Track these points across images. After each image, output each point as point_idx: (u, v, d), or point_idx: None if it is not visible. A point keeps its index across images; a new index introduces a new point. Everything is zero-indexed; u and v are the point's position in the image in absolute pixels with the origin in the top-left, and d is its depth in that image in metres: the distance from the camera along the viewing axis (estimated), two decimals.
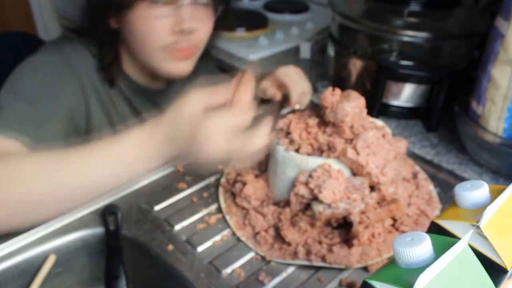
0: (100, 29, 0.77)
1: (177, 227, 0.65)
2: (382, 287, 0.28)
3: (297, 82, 0.81)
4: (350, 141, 0.60)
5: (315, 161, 0.60)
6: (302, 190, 0.59)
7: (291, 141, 0.63)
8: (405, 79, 0.86)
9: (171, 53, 0.74)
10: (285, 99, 0.81)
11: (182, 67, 0.77)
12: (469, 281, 0.28)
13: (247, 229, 0.63)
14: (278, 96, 0.84)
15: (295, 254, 0.59)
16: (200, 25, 0.74)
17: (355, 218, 0.58)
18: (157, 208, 0.68)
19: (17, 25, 2.10)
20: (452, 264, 0.27)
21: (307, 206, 0.61)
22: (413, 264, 0.28)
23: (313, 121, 0.63)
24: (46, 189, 0.51)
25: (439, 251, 0.28)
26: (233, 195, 0.68)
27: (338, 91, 0.62)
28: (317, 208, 0.58)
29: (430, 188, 0.70)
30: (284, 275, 0.59)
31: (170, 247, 0.61)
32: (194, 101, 0.51)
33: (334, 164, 0.60)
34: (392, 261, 0.29)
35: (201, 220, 0.66)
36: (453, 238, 0.29)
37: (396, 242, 0.28)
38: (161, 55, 0.74)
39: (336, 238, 0.60)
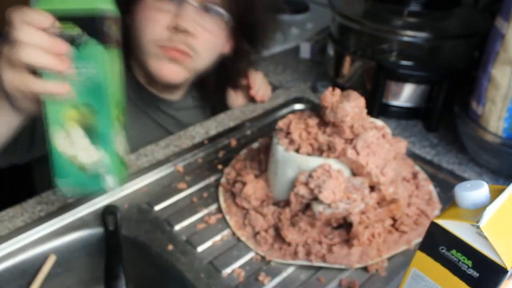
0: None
1: (177, 227, 0.65)
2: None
3: (258, 76, 0.87)
4: (350, 141, 0.60)
5: (315, 161, 0.60)
6: (302, 190, 0.59)
7: (291, 141, 0.63)
8: (405, 79, 0.86)
9: (164, 49, 0.72)
10: None
11: (172, 70, 0.74)
12: None
13: (247, 229, 0.63)
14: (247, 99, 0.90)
15: (295, 254, 0.59)
16: (200, 31, 0.72)
17: (355, 218, 0.58)
18: (157, 208, 0.68)
19: None
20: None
21: (307, 206, 0.61)
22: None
23: (313, 121, 0.63)
24: None
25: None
26: (233, 195, 0.68)
27: (338, 91, 0.62)
28: (317, 208, 0.58)
29: (430, 188, 0.70)
30: (284, 275, 0.58)
31: (170, 247, 0.61)
32: None
33: (334, 164, 0.60)
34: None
35: (201, 220, 0.66)
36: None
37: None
38: (153, 49, 0.73)
39: (336, 238, 0.60)
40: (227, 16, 0.74)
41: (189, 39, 0.72)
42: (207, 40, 0.74)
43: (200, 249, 0.61)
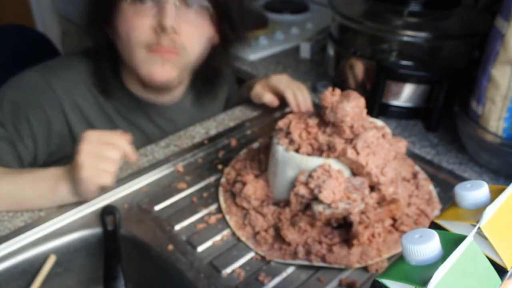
0: (99, 39, 0.77)
1: (177, 227, 0.65)
2: (394, 286, 0.28)
3: (290, 87, 0.84)
4: (350, 141, 0.60)
5: (315, 161, 0.60)
6: (302, 190, 0.59)
7: (291, 141, 0.63)
8: (405, 79, 0.86)
9: (152, 51, 0.72)
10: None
11: (162, 71, 0.74)
12: (477, 275, 0.28)
13: (247, 229, 0.63)
14: (275, 102, 0.86)
15: (295, 254, 0.59)
16: (186, 27, 0.72)
17: (355, 218, 0.58)
18: (157, 208, 0.68)
19: (16, 20, 2.10)
20: (460, 260, 0.28)
21: (307, 206, 0.61)
22: (423, 261, 0.28)
23: (313, 121, 0.63)
24: None
25: (446, 247, 0.28)
26: (233, 195, 0.68)
27: (338, 91, 0.62)
28: (317, 208, 0.58)
29: (430, 188, 0.70)
30: (284, 275, 0.58)
31: (170, 247, 0.61)
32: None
33: (334, 164, 0.60)
34: (400, 259, 0.29)
35: (201, 220, 0.66)
36: (458, 234, 0.30)
37: (405, 240, 0.29)
38: (142, 53, 0.72)
39: (336, 238, 0.60)
40: (209, 6, 0.74)
41: (175, 36, 0.71)
42: (193, 34, 0.74)
43: (200, 249, 0.61)
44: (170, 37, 0.71)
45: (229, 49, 0.84)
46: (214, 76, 0.88)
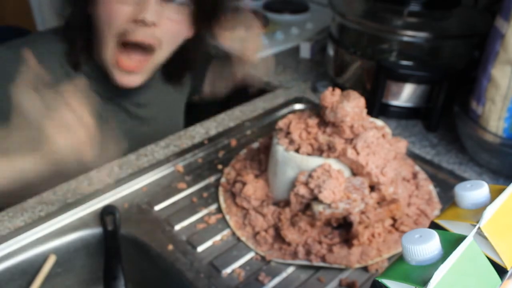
0: (77, 13, 0.76)
1: (177, 227, 0.65)
2: (394, 286, 0.28)
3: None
4: (350, 141, 0.60)
5: (315, 161, 0.60)
6: (302, 190, 0.59)
7: (291, 141, 0.63)
8: (405, 79, 0.86)
9: (124, 42, 0.70)
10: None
11: (129, 79, 0.73)
12: (476, 275, 0.28)
13: (247, 229, 0.63)
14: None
15: (295, 254, 0.59)
16: (164, 22, 0.71)
17: (355, 218, 0.58)
18: (157, 208, 0.68)
19: (16, 20, 2.10)
20: (460, 260, 0.27)
21: (307, 206, 0.61)
22: (423, 261, 0.28)
23: (313, 121, 0.63)
24: None
25: (446, 247, 0.28)
26: (233, 195, 0.68)
27: (338, 91, 0.62)
28: (317, 208, 0.58)
29: (430, 188, 0.70)
30: (284, 275, 0.58)
31: (170, 247, 0.61)
32: None
33: (334, 164, 0.60)
34: (400, 259, 0.29)
35: (201, 220, 0.66)
36: (458, 234, 0.30)
37: (405, 240, 0.29)
38: (113, 44, 0.71)
39: (336, 238, 0.60)
40: (190, 3, 0.73)
41: (153, 30, 0.70)
42: (171, 29, 0.73)
43: (200, 249, 0.61)
44: (147, 30, 0.69)
45: (202, 43, 0.84)
46: (182, 64, 0.87)
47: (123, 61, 0.73)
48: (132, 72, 0.74)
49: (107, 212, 0.65)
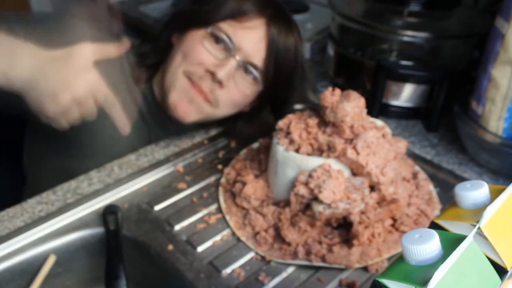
0: (163, 37, 0.78)
1: (177, 227, 0.65)
2: (394, 286, 0.28)
3: None
4: (350, 141, 0.60)
5: (315, 161, 0.60)
6: (302, 190, 0.59)
7: (291, 141, 0.63)
8: (405, 79, 0.86)
9: (190, 83, 0.72)
10: None
11: (187, 109, 0.74)
12: (476, 275, 0.28)
13: (247, 229, 0.63)
14: None
15: (295, 254, 0.59)
16: (231, 86, 0.73)
17: (355, 218, 0.58)
18: (157, 208, 0.68)
19: None
20: (460, 260, 0.27)
21: (307, 206, 0.61)
22: (423, 261, 0.28)
23: (313, 121, 0.63)
24: None
25: (446, 247, 0.28)
26: (233, 195, 0.68)
27: (338, 91, 0.62)
28: (317, 208, 0.58)
29: (430, 188, 0.70)
30: (284, 275, 0.59)
31: (170, 247, 0.61)
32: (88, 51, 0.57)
33: (334, 164, 0.60)
34: (400, 259, 0.29)
35: (201, 220, 0.66)
36: (458, 234, 0.30)
37: (405, 240, 0.29)
38: (182, 81, 0.73)
39: (336, 238, 0.60)
40: (261, 83, 0.76)
41: (218, 88, 0.72)
42: (232, 96, 0.75)
43: (200, 249, 0.61)
44: (212, 85, 0.72)
45: (254, 120, 0.84)
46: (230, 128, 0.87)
47: (179, 103, 0.74)
48: (197, 99, 0.74)
49: (109, 211, 0.65)
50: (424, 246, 0.28)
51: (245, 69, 0.74)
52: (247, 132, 0.83)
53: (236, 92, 0.74)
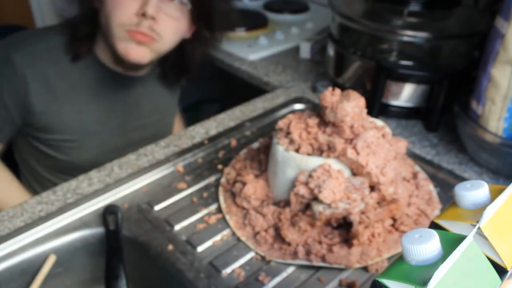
0: (85, 6, 0.82)
1: (177, 227, 0.65)
2: (394, 286, 0.28)
3: None
4: (350, 141, 0.60)
5: (315, 161, 0.60)
6: (302, 190, 0.59)
7: (291, 141, 0.63)
8: (405, 79, 0.86)
9: (130, 33, 0.76)
10: None
11: (138, 52, 0.78)
12: (476, 275, 0.28)
13: (247, 229, 0.63)
14: None
15: (295, 254, 0.59)
16: (164, 17, 0.77)
17: (355, 218, 0.58)
18: (157, 208, 0.68)
19: (16, 20, 2.10)
20: (460, 260, 0.27)
21: (307, 206, 0.61)
22: (423, 261, 0.28)
23: (313, 121, 0.63)
24: None
25: (446, 247, 0.28)
26: (233, 195, 0.68)
27: (338, 91, 0.62)
28: (317, 208, 0.58)
29: (430, 188, 0.70)
30: (284, 275, 0.59)
31: (170, 247, 0.61)
32: None
33: (334, 164, 0.60)
34: (400, 259, 0.29)
35: (201, 220, 0.66)
36: (458, 234, 0.29)
37: (405, 240, 0.29)
38: (121, 33, 0.77)
39: (336, 238, 0.60)
40: (188, 4, 0.80)
41: (153, 24, 0.76)
42: (170, 25, 0.79)
43: (200, 249, 0.61)
44: (148, 23, 0.76)
45: (201, 43, 0.90)
46: (183, 65, 0.94)
47: (135, 34, 0.77)
48: (143, 42, 0.78)
49: (109, 211, 0.65)
50: (424, 246, 0.28)
51: None
52: (196, 55, 0.91)
53: (171, 20, 0.79)
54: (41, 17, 2.14)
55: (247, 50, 1.19)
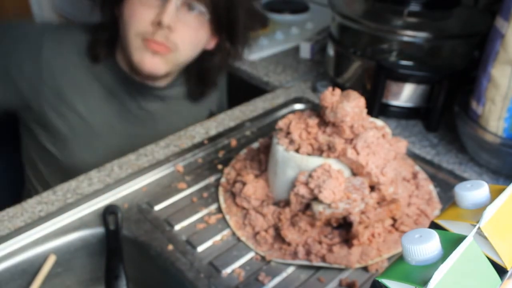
0: (105, 15, 0.82)
1: (177, 227, 0.65)
2: (394, 286, 0.28)
3: None
4: (350, 141, 0.60)
5: (315, 161, 0.60)
6: (302, 190, 0.59)
7: (291, 141, 0.63)
8: (405, 79, 0.86)
9: (145, 42, 0.76)
10: None
11: (153, 62, 0.77)
12: (476, 275, 0.28)
13: (247, 229, 0.63)
14: None
15: (295, 254, 0.59)
16: (181, 27, 0.76)
17: (355, 218, 0.58)
18: (157, 208, 0.68)
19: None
20: (460, 260, 0.27)
21: (307, 206, 0.61)
22: (423, 261, 0.28)
23: (313, 121, 0.63)
24: None
25: (446, 247, 0.28)
26: (233, 195, 0.68)
27: (338, 91, 0.62)
28: (317, 208, 0.58)
29: (430, 188, 0.70)
30: (284, 275, 0.59)
31: (170, 247, 0.61)
32: None
33: (334, 164, 0.60)
34: (400, 259, 0.29)
35: (201, 220, 0.66)
36: (458, 234, 0.29)
37: (405, 240, 0.29)
38: (137, 42, 0.76)
39: (336, 238, 0.60)
40: (208, 14, 0.78)
41: (169, 33, 0.75)
42: (187, 35, 0.78)
43: (200, 249, 0.61)
44: (164, 33, 0.75)
45: (223, 55, 0.88)
46: (205, 77, 0.92)
47: (150, 44, 0.77)
48: (158, 52, 0.77)
49: (109, 211, 0.65)
50: (424, 246, 0.28)
51: (188, 6, 0.76)
52: (219, 68, 0.90)
53: (188, 30, 0.77)
54: (41, 16, 2.14)
55: (247, 50, 1.19)
